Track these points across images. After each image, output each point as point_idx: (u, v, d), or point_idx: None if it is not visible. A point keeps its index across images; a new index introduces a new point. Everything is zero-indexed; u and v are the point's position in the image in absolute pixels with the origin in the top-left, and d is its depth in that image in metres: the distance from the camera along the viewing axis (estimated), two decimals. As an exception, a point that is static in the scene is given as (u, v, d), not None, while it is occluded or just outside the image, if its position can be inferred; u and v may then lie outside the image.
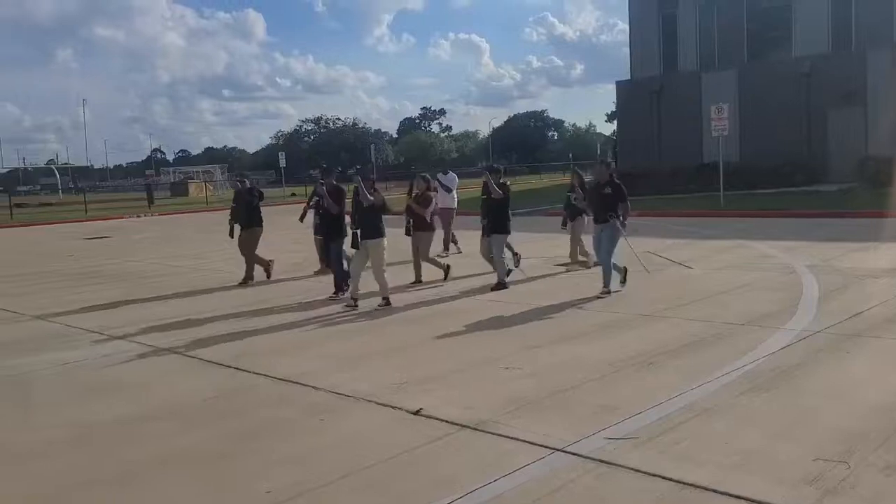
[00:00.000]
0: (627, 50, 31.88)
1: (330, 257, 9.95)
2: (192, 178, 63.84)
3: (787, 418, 4.62)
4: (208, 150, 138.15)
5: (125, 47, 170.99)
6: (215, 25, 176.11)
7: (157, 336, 7.87)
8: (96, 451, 4.67)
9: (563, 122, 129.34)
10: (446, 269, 10.71)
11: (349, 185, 10.21)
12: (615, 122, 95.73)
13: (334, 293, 9.56)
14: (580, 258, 11.28)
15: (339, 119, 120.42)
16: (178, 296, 10.48)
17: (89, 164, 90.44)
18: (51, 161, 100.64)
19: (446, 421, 4.77)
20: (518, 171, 72.26)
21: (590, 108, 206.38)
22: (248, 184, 11.71)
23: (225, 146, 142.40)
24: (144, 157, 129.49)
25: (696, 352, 6.26)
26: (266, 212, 12.02)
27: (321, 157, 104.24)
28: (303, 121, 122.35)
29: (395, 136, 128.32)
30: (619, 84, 31.74)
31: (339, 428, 4.82)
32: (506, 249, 10.30)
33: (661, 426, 4.51)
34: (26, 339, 7.99)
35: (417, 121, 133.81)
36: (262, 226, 11.47)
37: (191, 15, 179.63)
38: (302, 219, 12.03)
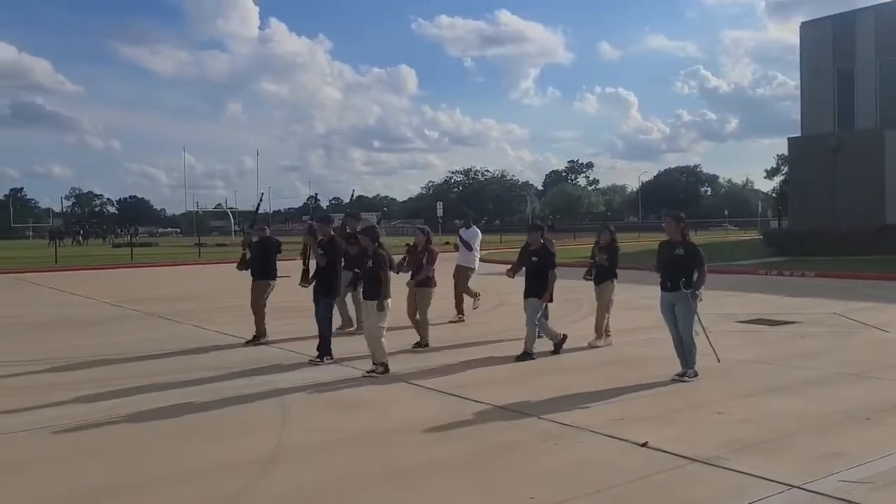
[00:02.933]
0: (787, 104, 31.32)
1: (317, 315, 9.02)
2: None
3: None
4: (359, 198, 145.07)
5: (288, 101, 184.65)
6: (370, 80, 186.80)
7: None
8: (360, 453, 5.40)
9: (717, 177, 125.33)
10: (425, 342, 9.70)
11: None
12: (775, 178, 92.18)
13: (317, 357, 8.80)
14: (606, 333, 9.83)
15: (487, 171, 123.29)
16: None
17: (254, 209, 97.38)
18: (219, 205, 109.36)
19: (673, 454, 5.14)
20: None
21: (744, 162, 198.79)
22: (267, 232, 10.88)
23: (377, 195, 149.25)
24: (301, 204, 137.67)
25: (913, 411, 6.24)
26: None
27: (469, 208, 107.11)
28: (452, 172, 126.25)
29: (540, 188, 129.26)
30: (790, 140, 30.81)
31: (572, 452, 5.30)
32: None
33: (895, 475, 4.65)
34: (264, 360, 9.09)
35: (564, 173, 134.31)
36: (275, 279, 10.63)
37: (348, 71, 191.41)
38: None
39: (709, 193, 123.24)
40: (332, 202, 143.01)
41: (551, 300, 10.45)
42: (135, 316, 13.99)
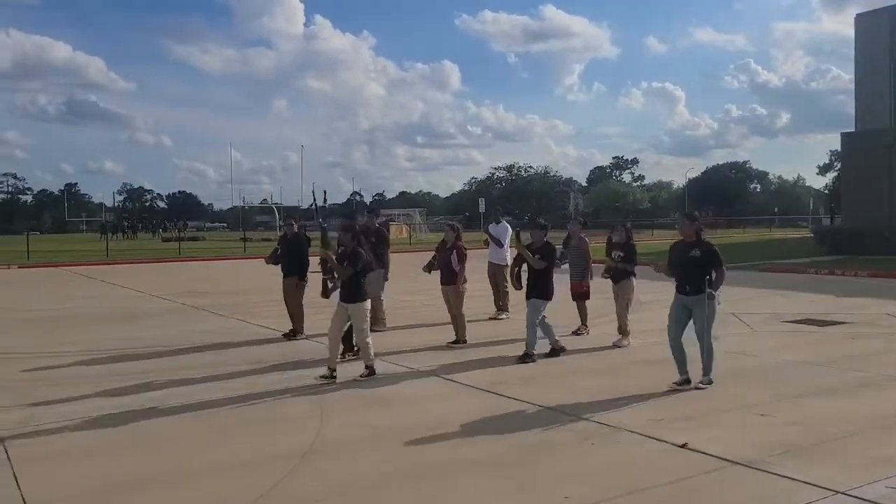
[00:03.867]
0: (841, 98, 30.27)
1: None
2: (393, 221, 67.92)
3: None
4: (402, 194, 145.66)
5: (332, 97, 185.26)
6: (413, 76, 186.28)
7: (409, 358, 8.76)
8: (396, 450, 5.40)
9: (766, 173, 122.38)
10: (462, 338, 9.65)
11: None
12: (828, 174, 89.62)
13: (353, 353, 8.73)
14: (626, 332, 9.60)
15: (530, 167, 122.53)
16: (414, 327, 11.38)
17: (299, 205, 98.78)
18: (264, 201, 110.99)
19: (714, 456, 5.03)
20: (717, 224, 69.45)
21: (795, 158, 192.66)
22: (295, 228, 10.77)
23: (420, 191, 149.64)
24: (344, 200, 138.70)
25: (969, 417, 6.01)
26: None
27: (511, 204, 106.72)
28: (495, 168, 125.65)
29: (584, 184, 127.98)
30: (843, 136, 29.93)
31: (610, 452, 5.23)
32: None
33: (947, 483, 4.47)
34: (303, 354, 9.19)
35: (608, 170, 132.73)
36: (306, 275, 10.60)
37: (392, 67, 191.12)
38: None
39: (758, 190, 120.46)
40: (376, 197, 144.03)
41: (589, 297, 10.38)
42: (182, 309, 14.27)
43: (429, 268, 10.14)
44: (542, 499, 4.41)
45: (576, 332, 10.19)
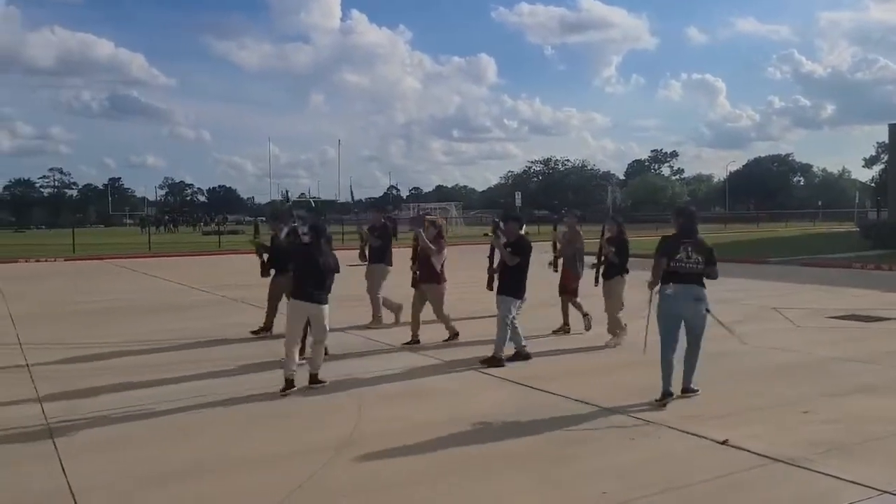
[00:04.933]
0: (889, 88, 29.48)
1: None
2: (429, 214, 68.08)
3: None
4: (439, 187, 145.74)
5: (369, 91, 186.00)
6: (449, 70, 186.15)
7: (443, 352, 8.77)
8: (432, 443, 5.40)
9: (810, 166, 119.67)
10: (454, 333, 9.47)
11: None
12: (875, 167, 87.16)
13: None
14: (620, 330, 9.12)
15: (567, 160, 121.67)
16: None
17: (336, 199, 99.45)
18: (302, 195, 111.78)
19: (755, 453, 4.95)
20: (759, 218, 68.20)
21: (840, 151, 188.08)
22: (284, 231, 9.95)
23: (456, 185, 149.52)
24: (381, 194, 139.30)
25: None
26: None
27: (549, 198, 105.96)
28: (532, 161, 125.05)
29: (622, 177, 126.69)
30: (891, 127, 29.12)
31: (649, 448, 5.18)
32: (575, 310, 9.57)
33: None
34: (345, 347, 9.21)
35: (647, 163, 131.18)
36: None
37: (428, 61, 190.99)
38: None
39: (802, 183, 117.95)
40: (413, 191, 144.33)
41: (577, 294, 9.90)
42: (221, 301, 14.49)
43: (416, 283, 9.85)
44: (580, 494, 4.38)
45: (556, 332, 9.96)
